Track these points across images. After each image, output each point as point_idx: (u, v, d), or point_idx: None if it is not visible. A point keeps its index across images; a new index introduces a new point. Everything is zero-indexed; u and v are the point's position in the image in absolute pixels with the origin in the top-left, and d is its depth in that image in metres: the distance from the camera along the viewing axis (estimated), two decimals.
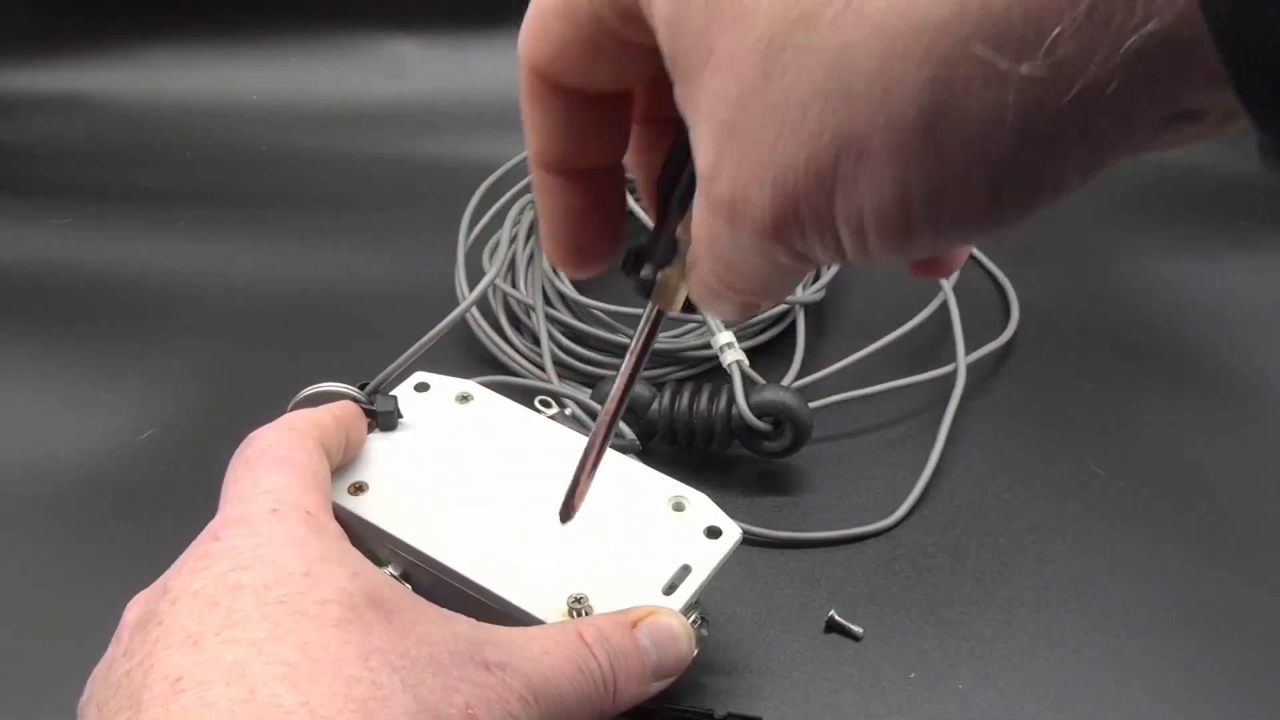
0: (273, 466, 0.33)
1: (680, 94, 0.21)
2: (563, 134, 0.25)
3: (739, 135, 0.19)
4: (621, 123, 0.26)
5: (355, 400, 0.40)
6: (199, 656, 0.27)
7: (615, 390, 0.30)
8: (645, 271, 0.27)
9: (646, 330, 0.28)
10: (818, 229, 0.19)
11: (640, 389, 0.49)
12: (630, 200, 0.56)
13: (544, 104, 0.25)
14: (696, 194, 0.21)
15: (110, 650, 0.30)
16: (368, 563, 0.32)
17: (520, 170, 0.64)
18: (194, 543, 0.31)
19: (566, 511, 0.34)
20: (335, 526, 0.33)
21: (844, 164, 0.18)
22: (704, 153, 0.20)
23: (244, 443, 0.35)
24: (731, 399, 0.48)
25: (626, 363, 0.30)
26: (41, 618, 0.44)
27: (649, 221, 0.56)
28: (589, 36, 0.23)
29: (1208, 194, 0.73)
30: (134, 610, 0.31)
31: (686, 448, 0.50)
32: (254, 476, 0.33)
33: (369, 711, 0.27)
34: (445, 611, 0.32)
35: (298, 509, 0.32)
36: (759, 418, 0.48)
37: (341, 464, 0.38)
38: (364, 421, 0.40)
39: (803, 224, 0.19)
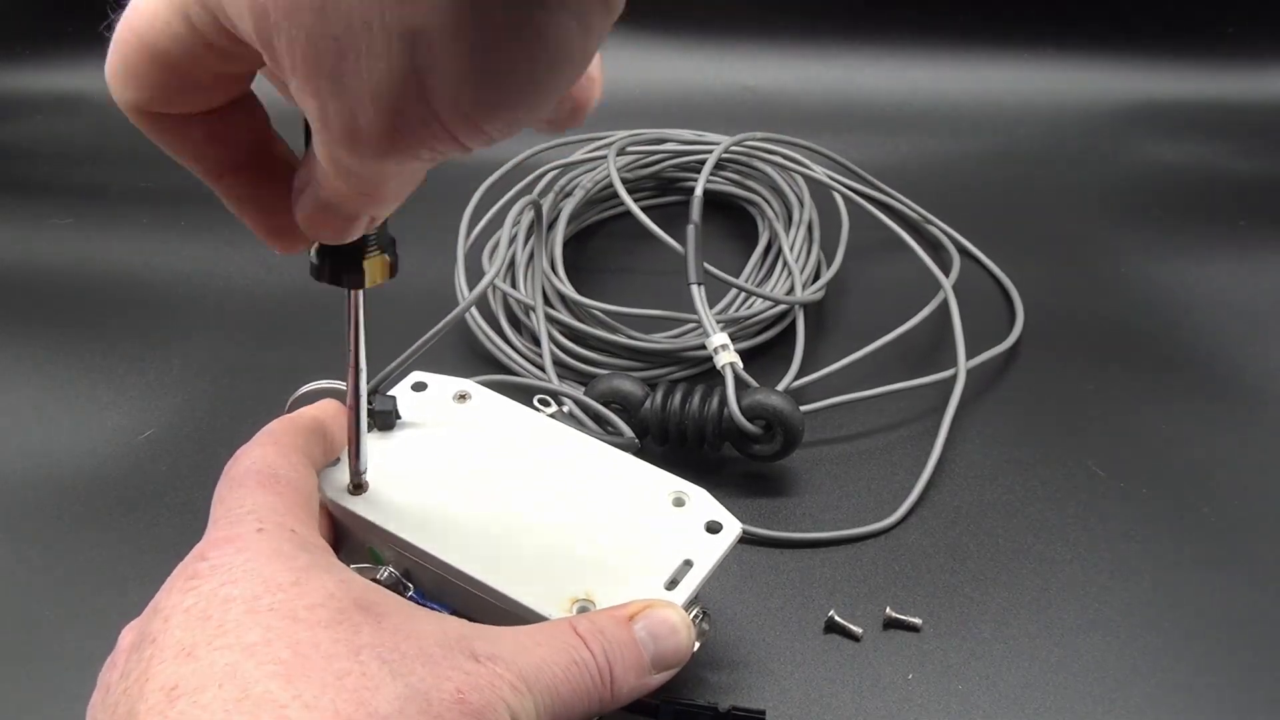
0: (257, 486, 0.34)
1: (269, 71, 0.23)
2: (202, 147, 0.27)
3: (323, 72, 0.21)
4: (247, 120, 0.28)
5: None
6: (193, 665, 0.28)
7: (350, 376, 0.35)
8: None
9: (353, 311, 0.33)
10: (425, 124, 0.21)
11: (633, 388, 0.49)
12: (643, 217, 0.57)
13: (166, 134, 0.26)
14: (314, 140, 0.23)
15: (106, 675, 0.31)
16: (354, 572, 0.32)
17: (520, 171, 0.64)
18: (181, 564, 0.31)
19: (355, 488, 0.38)
20: (321, 541, 0.34)
21: (418, 54, 0.20)
22: (308, 105, 0.22)
23: (230, 461, 0.35)
24: (723, 401, 0.48)
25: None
26: (43, 618, 0.44)
27: (665, 238, 0.56)
28: (179, 71, 0.24)
29: (1208, 194, 0.73)
30: (128, 636, 0.31)
31: (678, 448, 0.50)
32: (239, 497, 0.33)
33: (360, 700, 0.27)
34: (434, 613, 0.32)
35: (282, 527, 0.32)
36: (750, 421, 0.48)
37: (327, 463, 0.38)
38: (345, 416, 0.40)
39: (414, 126, 0.21)
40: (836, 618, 0.44)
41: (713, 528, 0.38)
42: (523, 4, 0.20)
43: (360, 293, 0.32)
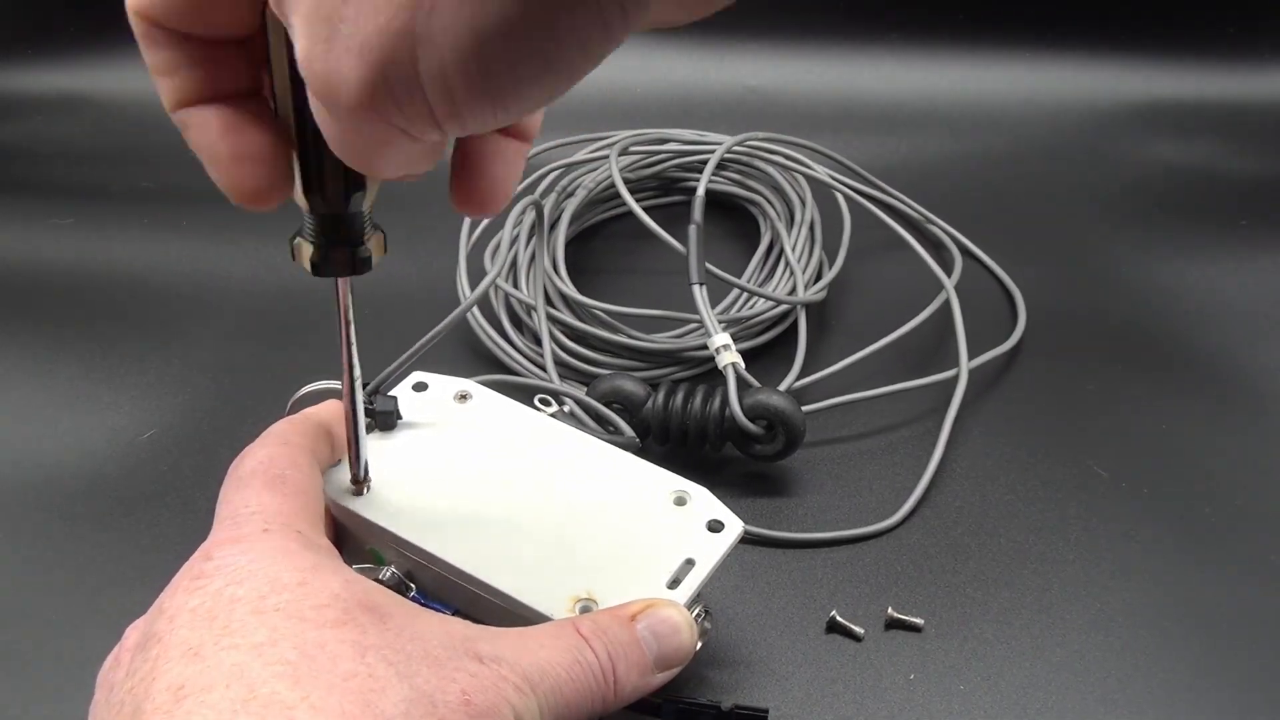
0: (263, 487, 0.34)
1: (274, 3, 0.22)
2: (192, 76, 0.26)
3: (322, 14, 0.20)
4: (252, 55, 0.26)
5: None
6: (199, 665, 0.28)
7: (345, 367, 0.34)
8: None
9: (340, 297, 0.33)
10: (407, 92, 0.20)
11: (634, 388, 0.49)
12: (645, 217, 0.57)
13: (162, 49, 0.25)
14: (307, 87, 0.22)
15: (109, 674, 0.31)
16: (359, 573, 0.32)
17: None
18: (186, 564, 0.31)
19: (357, 488, 0.38)
20: (326, 543, 0.34)
21: (419, 19, 0.19)
22: (299, 44, 0.21)
23: (236, 460, 0.35)
24: (725, 401, 0.48)
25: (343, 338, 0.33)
26: (44, 618, 0.44)
27: (667, 238, 0.56)
28: None
29: (1208, 194, 0.73)
30: (132, 635, 0.31)
31: (679, 448, 0.50)
32: (245, 498, 0.33)
33: (367, 702, 0.27)
34: (438, 614, 0.32)
35: (288, 528, 0.32)
36: (752, 420, 0.48)
37: (332, 464, 0.38)
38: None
39: (394, 89, 0.20)
40: (838, 618, 0.43)
41: (714, 526, 0.38)
42: (549, 5, 0.19)
43: (348, 283, 0.32)
